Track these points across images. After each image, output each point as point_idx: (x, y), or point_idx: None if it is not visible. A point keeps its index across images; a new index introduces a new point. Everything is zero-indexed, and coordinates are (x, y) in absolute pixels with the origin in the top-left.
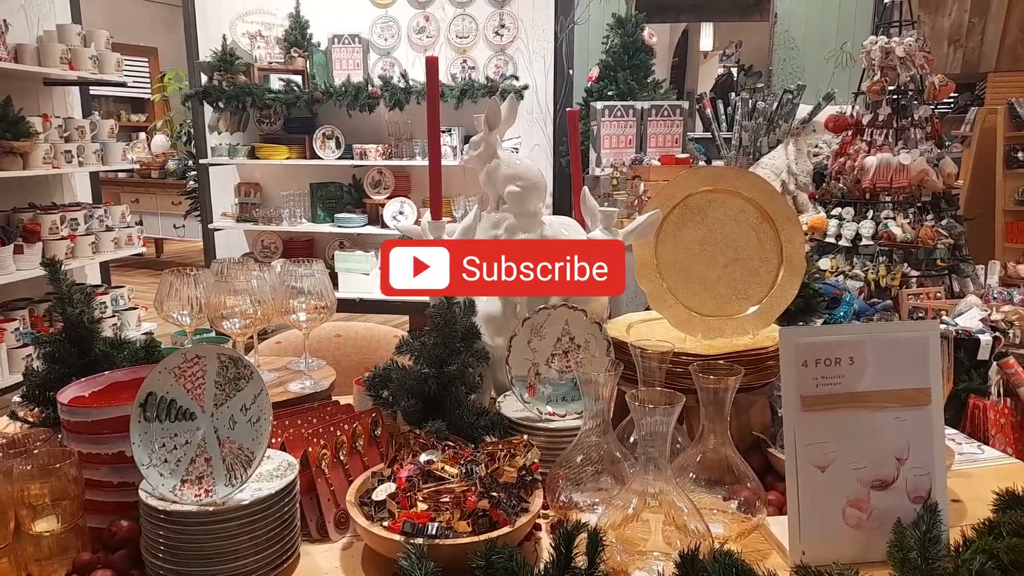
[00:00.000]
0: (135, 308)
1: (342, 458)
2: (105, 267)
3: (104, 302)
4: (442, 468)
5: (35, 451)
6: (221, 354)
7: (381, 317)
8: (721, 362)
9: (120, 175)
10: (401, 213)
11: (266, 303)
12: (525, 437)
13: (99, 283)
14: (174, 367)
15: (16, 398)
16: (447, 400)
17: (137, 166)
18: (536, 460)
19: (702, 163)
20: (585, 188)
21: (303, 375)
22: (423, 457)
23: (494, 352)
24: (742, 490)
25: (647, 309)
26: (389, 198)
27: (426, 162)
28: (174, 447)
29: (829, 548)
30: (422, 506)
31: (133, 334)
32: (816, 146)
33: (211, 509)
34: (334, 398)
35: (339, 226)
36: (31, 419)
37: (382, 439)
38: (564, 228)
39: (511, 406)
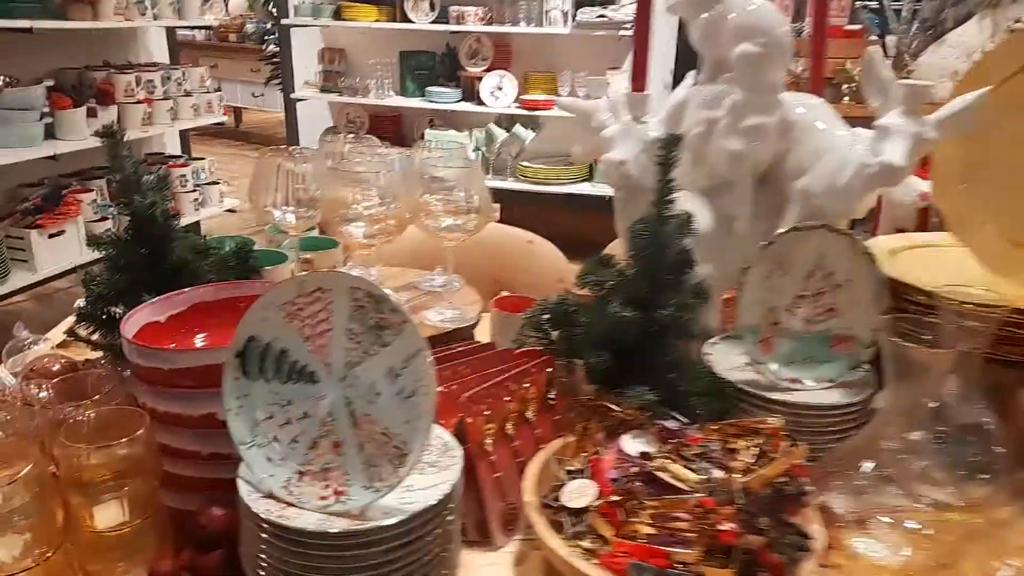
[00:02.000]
0: (217, 183)
1: (509, 431)
2: (184, 136)
3: (184, 175)
4: (665, 468)
5: (92, 403)
6: (356, 288)
7: None
8: None
9: (198, 37)
10: (500, 88)
11: (400, 200)
12: (772, 422)
13: (179, 153)
14: (284, 302)
15: (79, 303)
16: (652, 355)
17: (216, 23)
18: (802, 461)
19: (874, 38)
20: (875, 50)
21: (440, 300)
22: (630, 445)
23: None
24: None
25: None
26: (487, 71)
27: (531, 29)
28: (287, 420)
29: None
30: (645, 530)
31: (215, 210)
32: (1017, 21)
33: (341, 530)
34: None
35: (430, 101)
36: (95, 341)
37: (558, 404)
38: (820, 121)
39: (726, 361)
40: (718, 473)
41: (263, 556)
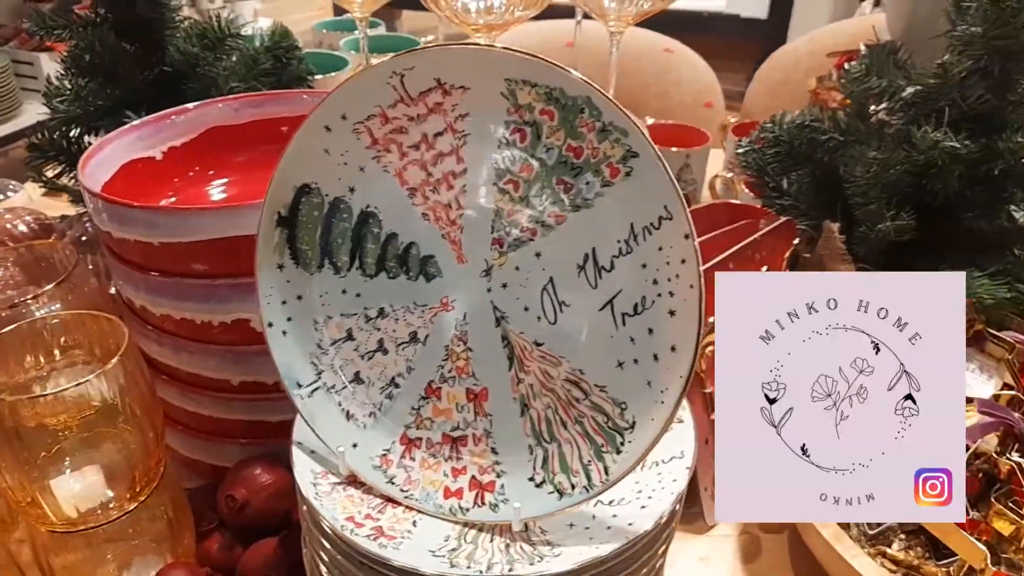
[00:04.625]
0: None
1: None
2: None
3: None
4: None
5: (45, 296)
6: (525, 82)
7: None
8: None
9: None
10: None
11: None
12: None
13: None
14: (366, 117)
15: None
16: (987, 219)
17: None
18: None
19: None
20: None
21: None
22: (974, 382)
23: None
24: None
25: None
26: None
27: None
28: (378, 346)
29: None
30: (1002, 526)
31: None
32: None
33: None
34: None
35: None
36: (72, 188)
37: None
38: None
39: None
40: None
41: None
